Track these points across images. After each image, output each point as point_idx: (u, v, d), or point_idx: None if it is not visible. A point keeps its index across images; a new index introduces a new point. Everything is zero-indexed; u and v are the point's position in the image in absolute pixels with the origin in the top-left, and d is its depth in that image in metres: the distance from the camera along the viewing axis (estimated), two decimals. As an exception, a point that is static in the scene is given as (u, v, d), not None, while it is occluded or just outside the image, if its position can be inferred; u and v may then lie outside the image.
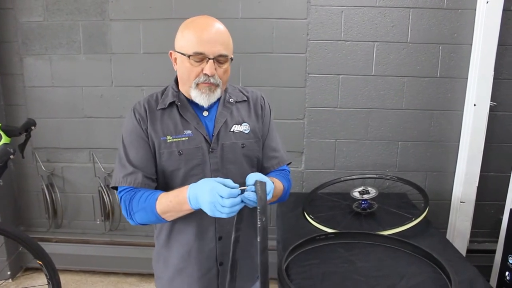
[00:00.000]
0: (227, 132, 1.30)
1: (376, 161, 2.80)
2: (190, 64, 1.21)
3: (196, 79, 1.22)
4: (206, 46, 1.19)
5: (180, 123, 1.28)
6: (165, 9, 2.65)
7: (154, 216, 1.21)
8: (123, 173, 1.26)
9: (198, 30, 1.20)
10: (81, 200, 3.02)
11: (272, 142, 1.42)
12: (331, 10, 2.61)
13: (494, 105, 2.62)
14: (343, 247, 1.82)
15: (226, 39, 1.24)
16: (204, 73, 1.20)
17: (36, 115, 2.74)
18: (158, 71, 2.73)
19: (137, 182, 1.24)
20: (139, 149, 1.27)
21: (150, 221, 1.25)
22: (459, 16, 2.58)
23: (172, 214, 1.21)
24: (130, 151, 1.28)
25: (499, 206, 2.64)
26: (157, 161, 1.28)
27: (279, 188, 1.33)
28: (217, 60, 1.21)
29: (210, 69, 1.19)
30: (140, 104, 1.32)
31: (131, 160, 1.26)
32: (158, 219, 1.22)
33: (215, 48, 1.20)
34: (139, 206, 1.22)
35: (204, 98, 1.24)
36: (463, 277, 1.57)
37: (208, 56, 1.19)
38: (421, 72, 2.66)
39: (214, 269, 1.32)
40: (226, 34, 1.25)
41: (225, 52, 1.22)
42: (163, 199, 1.19)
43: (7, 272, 2.90)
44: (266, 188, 1.10)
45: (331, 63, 2.67)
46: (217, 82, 1.23)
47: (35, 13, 2.72)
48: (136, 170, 1.25)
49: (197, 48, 1.19)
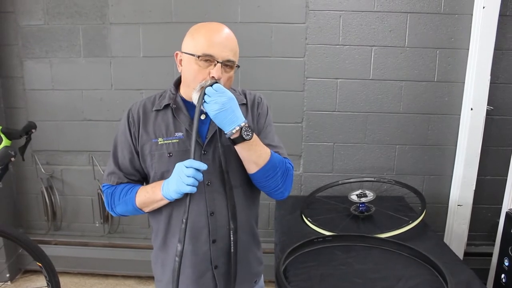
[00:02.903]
0: (222, 134, 1.27)
1: (373, 165, 2.82)
2: (198, 65, 1.21)
3: (202, 82, 1.21)
4: (216, 49, 1.20)
5: (173, 125, 1.29)
6: (165, 13, 2.67)
7: (133, 208, 1.30)
8: (108, 171, 1.36)
9: (210, 33, 1.22)
10: (80, 203, 3.03)
11: (270, 138, 1.37)
12: (329, 15, 2.63)
13: (491, 109, 2.64)
14: (340, 250, 1.83)
15: (235, 46, 1.26)
16: (211, 76, 1.20)
17: (36, 118, 2.75)
18: (158, 75, 2.75)
19: (118, 182, 1.34)
20: (124, 151, 1.33)
21: (130, 213, 1.34)
22: (456, 21, 2.60)
23: (148, 205, 1.28)
24: (118, 151, 1.35)
25: (496, 210, 2.65)
26: (147, 163, 1.30)
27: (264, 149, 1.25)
28: (225, 65, 1.22)
29: (217, 72, 1.19)
30: (136, 106, 1.35)
31: (117, 160, 1.35)
32: (137, 210, 1.31)
33: (225, 52, 1.21)
34: (120, 200, 1.31)
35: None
36: (460, 279, 1.59)
37: (217, 59, 1.19)
38: (418, 76, 2.69)
39: (209, 273, 1.32)
40: (235, 42, 1.26)
41: (233, 58, 1.23)
42: (141, 192, 1.28)
43: (6, 275, 2.89)
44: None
45: (329, 67, 2.69)
46: None
47: (35, 16, 2.73)
48: (118, 171, 1.34)
49: (207, 50, 1.19)
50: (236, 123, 1.15)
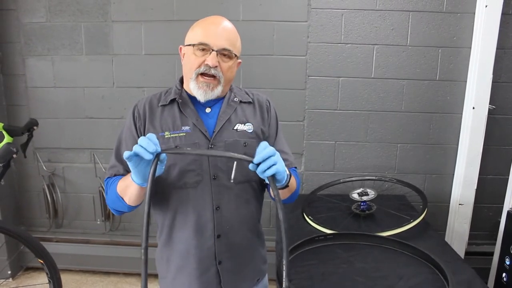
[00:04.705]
0: (230, 129, 1.31)
1: (375, 163, 2.82)
2: (194, 54, 1.24)
3: (197, 69, 1.24)
4: (211, 38, 1.23)
5: (179, 119, 1.30)
6: (166, 11, 2.67)
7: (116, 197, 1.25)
8: (110, 165, 1.35)
9: (206, 24, 1.27)
10: (82, 200, 3.03)
11: (281, 145, 1.45)
12: (331, 13, 2.63)
13: (493, 108, 2.64)
14: (342, 248, 1.83)
15: (233, 37, 1.28)
16: (206, 63, 1.22)
17: (38, 115, 2.75)
18: (160, 72, 2.75)
19: (117, 174, 1.32)
20: (128, 145, 1.31)
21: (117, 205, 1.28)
22: (458, 20, 2.60)
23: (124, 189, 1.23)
24: (121, 145, 1.34)
25: (497, 209, 2.65)
26: None
27: (293, 181, 1.34)
28: (222, 54, 1.24)
29: (212, 60, 1.22)
30: (141, 102, 1.35)
31: (120, 154, 1.32)
32: (120, 200, 1.25)
33: (220, 41, 1.23)
34: (110, 189, 1.30)
35: (201, 93, 1.26)
36: (461, 278, 1.58)
37: (212, 47, 1.22)
38: (420, 75, 2.68)
39: (213, 268, 1.32)
40: (233, 32, 1.29)
41: (230, 47, 1.25)
42: (121, 179, 1.26)
43: (8, 272, 2.91)
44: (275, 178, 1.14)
45: (331, 66, 2.69)
46: (219, 75, 1.24)
47: (37, 14, 2.74)
48: (119, 164, 1.33)
49: (202, 39, 1.23)
50: (284, 167, 1.17)
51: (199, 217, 1.28)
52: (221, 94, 1.31)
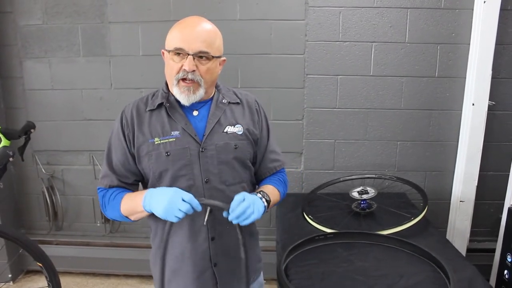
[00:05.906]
0: (220, 132, 1.30)
1: (375, 161, 2.81)
2: (172, 60, 1.23)
3: (176, 75, 1.23)
4: (185, 42, 1.21)
5: (168, 124, 1.29)
6: (163, 12, 2.66)
7: (120, 215, 1.29)
8: (101, 174, 1.36)
9: (181, 27, 1.24)
10: (82, 203, 3.03)
11: (273, 146, 1.45)
12: (329, 11, 2.61)
13: (493, 104, 2.63)
14: (342, 247, 1.82)
15: (210, 37, 1.24)
16: (183, 69, 1.21)
17: (36, 118, 2.74)
18: (157, 73, 2.69)
19: (112, 186, 1.33)
20: (117, 153, 1.31)
21: (120, 219, 1.32)
22: (456, 16, 2.58)
23: (131, 213, 1.28)
24: (111, 153, 1.33)
25: (498, 205, 2.64)
26: (144, 164, 1.30)
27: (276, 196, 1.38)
28: (199, 57, 1.22)
29: (189, 64, 1.20)
30: (128, 108, 1.34)
31: (111, 162, 1.33)
32: (124, 218, 1.29)
33: (195, 44, 1.21)
34: (109, 204, 1.30)
35: (184, 97, 1.25)
36: (462, 276, 1.58)
37: (187, 51, 1.20)
38: (419, 72, 2.67)
39: (209, 271, 1.32)
40: (211, 33, 1.25)
41: (206, 50, 1.22)
42: (126, 199, 1.27)
43: (8, 275, 2.90)
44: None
45: (330, 64, 2.68)
46: (197, 79, 1.23)
47: (34, 16, 2.73)
48: (111, 174, 1.32)
49: (177, 43, 1.21)
50: (263, 208, 1.24)
51: (193, 221, 1.28)
52: (205, 96, 1.30)
